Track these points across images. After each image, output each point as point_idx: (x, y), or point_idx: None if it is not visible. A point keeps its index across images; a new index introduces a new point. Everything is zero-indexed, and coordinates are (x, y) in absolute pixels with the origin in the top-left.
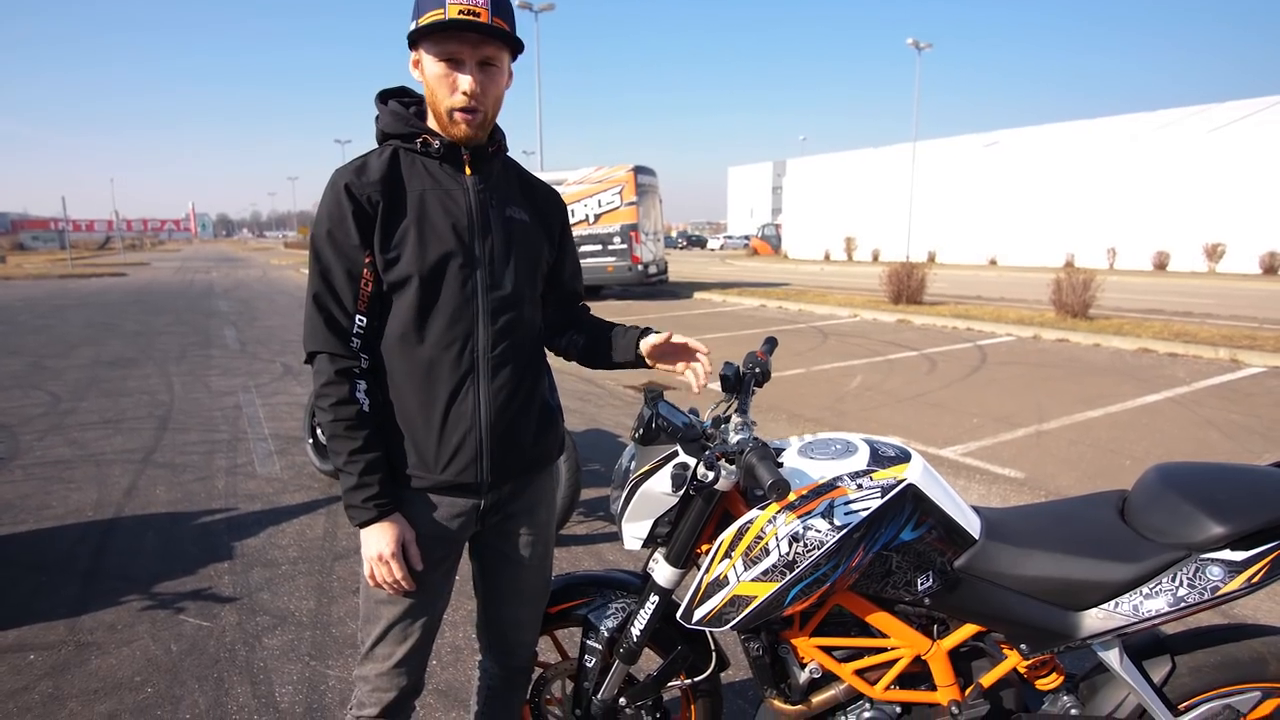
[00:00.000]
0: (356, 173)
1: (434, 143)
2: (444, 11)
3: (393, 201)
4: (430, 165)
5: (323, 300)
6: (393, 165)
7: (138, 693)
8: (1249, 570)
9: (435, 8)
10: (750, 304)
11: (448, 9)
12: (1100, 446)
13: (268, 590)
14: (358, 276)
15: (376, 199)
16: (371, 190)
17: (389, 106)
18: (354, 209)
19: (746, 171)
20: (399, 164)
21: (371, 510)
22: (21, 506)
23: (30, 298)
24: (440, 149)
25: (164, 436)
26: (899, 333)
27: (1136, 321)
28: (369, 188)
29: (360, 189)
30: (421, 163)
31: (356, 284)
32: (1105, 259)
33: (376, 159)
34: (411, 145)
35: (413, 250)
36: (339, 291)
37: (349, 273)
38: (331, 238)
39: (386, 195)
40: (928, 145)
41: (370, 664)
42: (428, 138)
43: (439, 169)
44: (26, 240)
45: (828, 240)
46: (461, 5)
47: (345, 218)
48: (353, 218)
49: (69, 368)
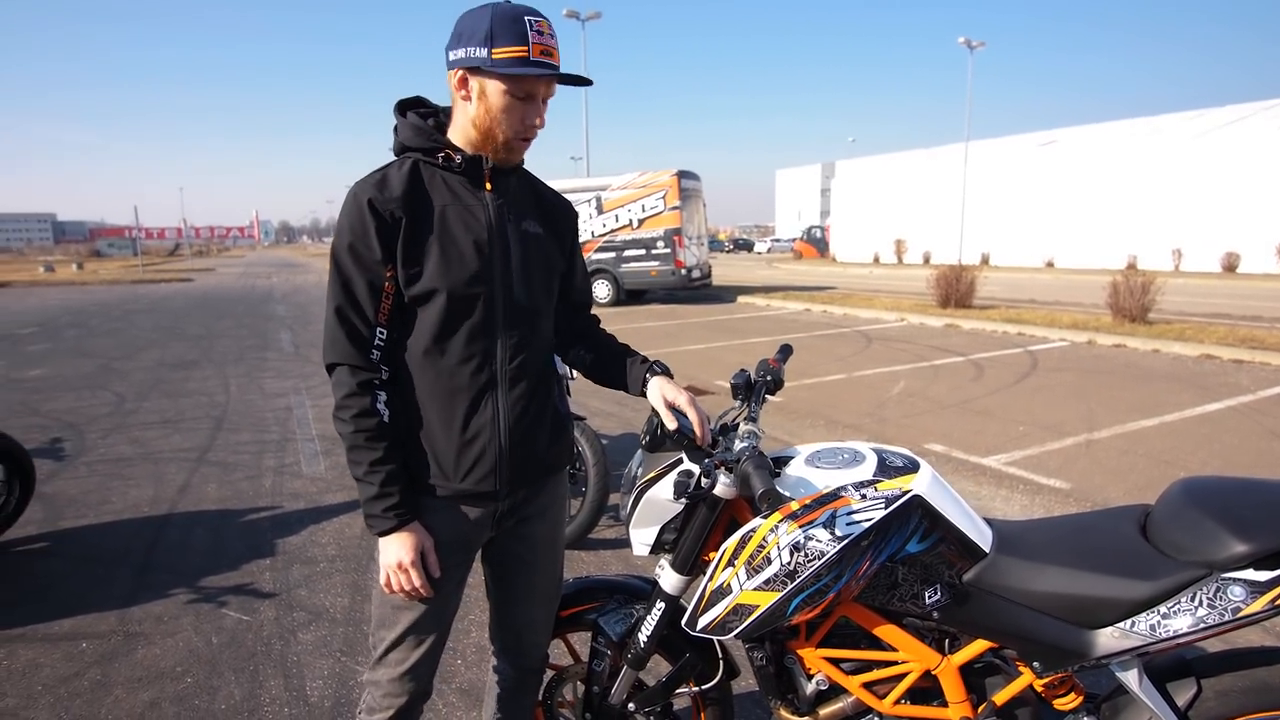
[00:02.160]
0: (378, 187)
1: (456, 157)
2: (527, 50)
3: (415, 217)
4: (450, 180)
5: (344, 313)
6: (414, 179)
7: (178, 682)
8: (1273, 591)
9: (516, 44)
10: (794, 308)
11: (531, 48)
12: (1153, 457)
13: (305, 587)
14: (379, 290)
15: (399, 214)
16: (394, 205)
17: (409, 119)
18: (377, 224)
19: (795, 174)
20: (420, 178)
21: (392, 519)
22: (83, 502)
23: (103, 302)
24: (462, 164)
25: (218, 436)
26: (946, 337)
27: (1200, 326)
28: (392, 203)
29: (383, 204)
30: (442, 177)
31: (378, 297)
32: (1170, 260)
33: (397, 172)
34: (432, 159)
35: (435, 266)
36: (361, 304)
37: (371, 285)
38: (354, 251)
39: (409, 210)
40: (981, 145)
41: (383, 669)
42: (449, 152)
43: (459, 184)
44: (103, 247)
45: (877, 243)
46: (544, 45)
47: (368, 232)
48: (375, 232)
49: (135, 369)
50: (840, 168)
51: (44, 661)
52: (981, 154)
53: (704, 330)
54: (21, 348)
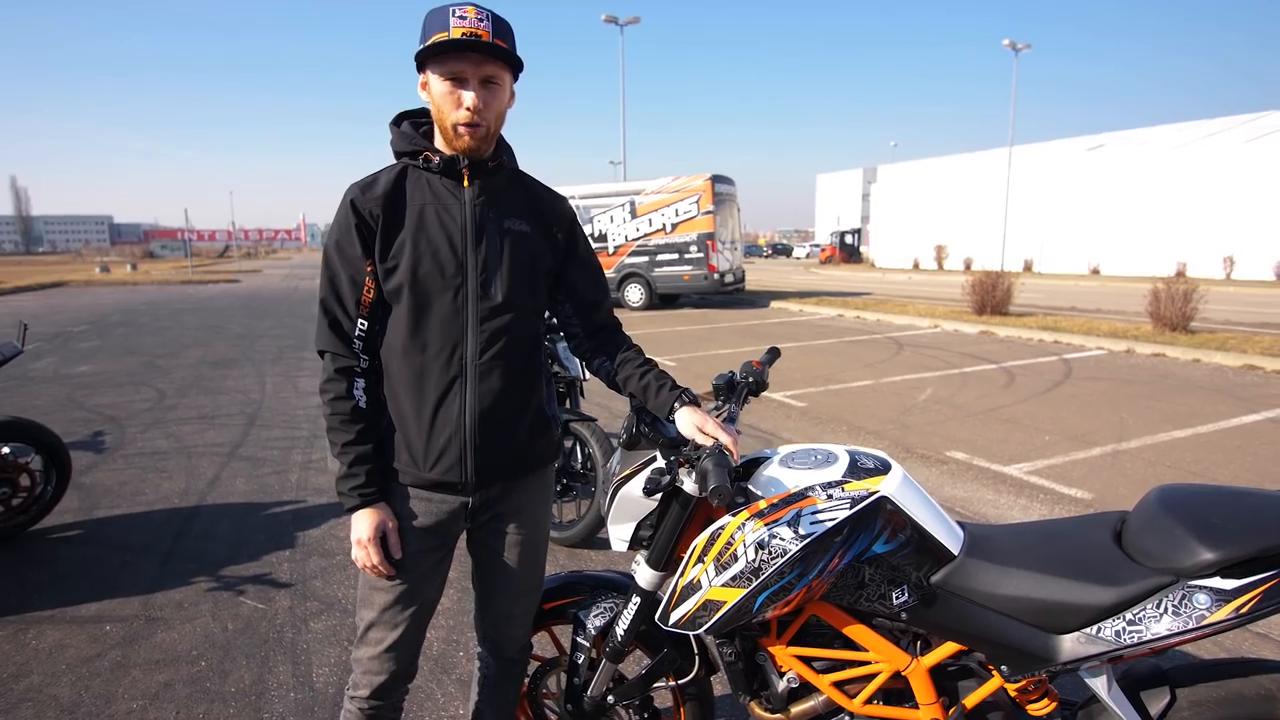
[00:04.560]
0: (364, 188)
1: (434, 158)
2: (448, 33)
3: (392, 216)
4: (433, 181)
5: (329, 305)
6: (399, 181)
7: (193, 665)
8: (1238, 600)
9: (440, 30)
10: (828, 313)
11: (452, 30)
12: (1181, 468)
13: (321, 578)
14: (360, 284)
15: (377, 213)
16: (374, 205)
17: (400, 128)
18: (357, 222)
19: (835, 179)
20: (405, 180)
21: (355, 498)
22: (119, 492)
23: (153, 301)
24: (440, 164)
25: (250, 432)
26: (980, 345)
27: (1244, 336)
28: (371, 202)
29: (364, 204)
30: (425, 178)
31: (359, 291)
32: (1221, 268)
33: (386, 175)
34: (417, 162)
35: (407, 261)
36: (343, 297)
37: (352, 280)
38: (339, 247)
39: (387, 210)
40: (1025, 150)
41: (365, 647)
42: (429, 154)
43: (440, 184)
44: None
45: (917, 248)
46: (465, 27)
47: (350, 229)
48: (355, 230)
49: (177, 366)
50: (882, 172)
51: (69, 642)
52: (1026, 159)
53: (734, 334)
54: (73, 345)
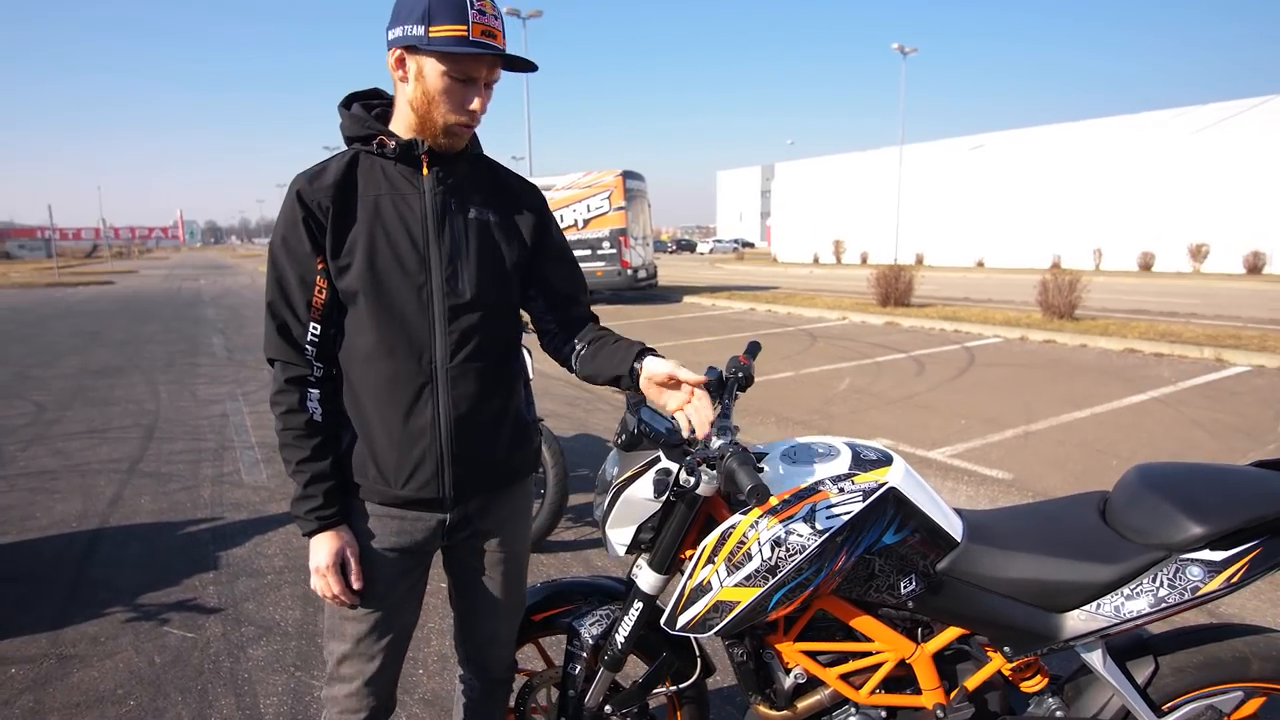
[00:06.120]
0: (311, 179)
1: (390, 143)
2: (467, 29)
3: (343, 207)
4: (388, 168)
5: (277, 308)
6: (350, 170)
7: (120, 705)
8: (1228, 570)
9: (454, 22)
10: (740, 307)
11: (471, 28)
12: (1087, 447)
13: (253, 600)
14: (310, 284)
15: (327, 205)
16: (322, 196)
17: (351, 111)
18: (304, 215)
19: (736, 175)
20: (356, 168)
21: (313, 522)
22: (4, 519)
23: (16, 307)
24: (396, 149)
25: (150, 446)
26: (887, 335)
27: (1122, 322)
28: (320, 193)
29: (311, 195)
30: (380, 166)
31: (310, 292)
32: (1091, 260)
33: (336, 164)
34: (370, 148)
35: (363, 257)
36: (292, 299)
37: (302, 280)
38: (286, 244)
39: (337, 201)
40: (914, 149)
41: (338, 684)
42: (384, 138)
43: (397, 172)
44: (13, 249)
45: (816, 243)
46: (485, 25)
47: (297, 224)
48: (303, 224)
49: (55, 377)
50: (780, 169)
51: None
52: (916, 156)
53: (652, 331)
54: None
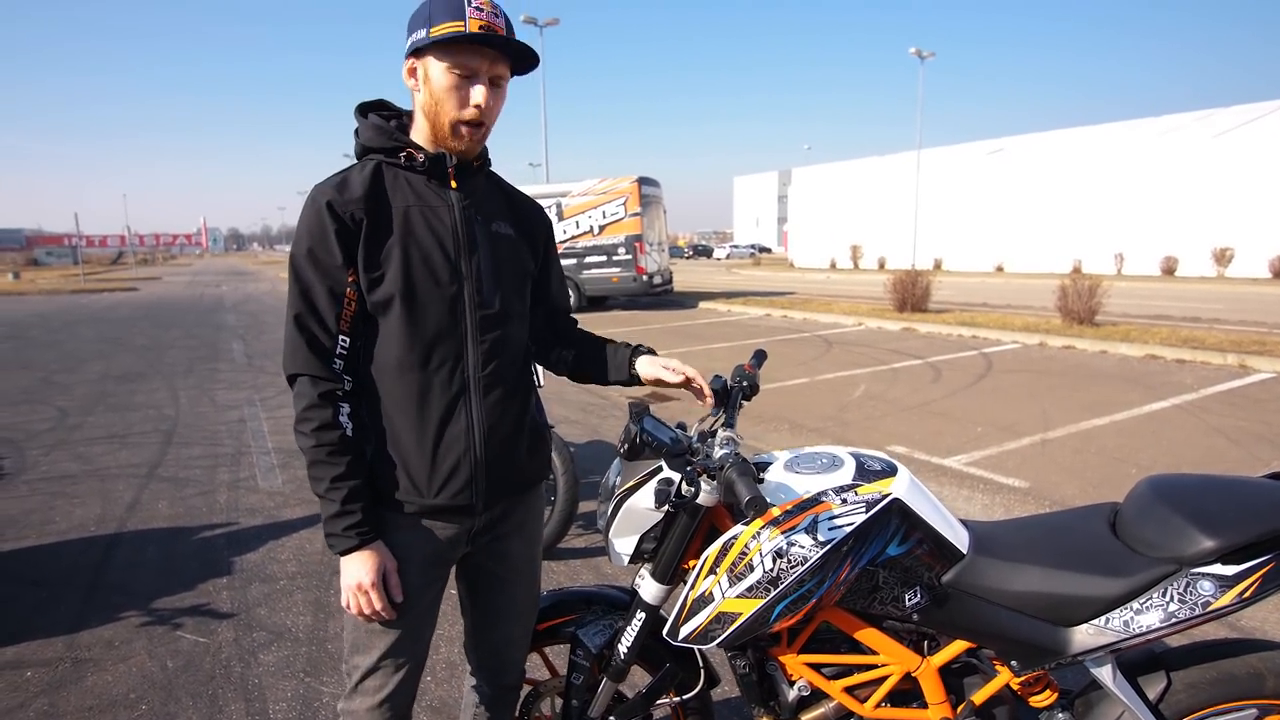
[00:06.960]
0: (338, 189)
1: (419, 156)
2: (464, 24)
3: (377, 219)
4: (414, 180)
5: (304, 321)
6: (375, 181)
7: (132, 710)
8: (1240, 585)
9: (452, 19)
10: (755, 313)
11: (468, 22)
12: (1106, 455)
13: (265, 606)
14: (340, 296)
15: (360, 216)
16: (355, 207)
17: (369, 119)
18: (337, 227)
19: (752, 181)
20: (382, 179)
21: (353, 538)
22: (25, 522)
23: (43, 313)
24: (425, 163)
25: (168, 451)
26: (904, 341)
27: (1143, 328)
28: (352, 205)
29: (343, 206)
30: (405, 178)
31: (340, 304)
32: (1113, 265)
33: (358, 174)
34: (395, 159)
35: (397, 269)
36: (321, 312)
37: (331, 292)
38: (313, 256)
39: (370, 212)
40: (932, 153)
41: (360, 697)
42: (412, 151)
43: (423, 184)
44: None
45: (834, 248)
46: (482, 20)
47: (327, 236)
48: (335, 236)
49: (78, 383)
50: (797, 175)
51: None
52: (934, 161)
53: (667, 336)
54: None
